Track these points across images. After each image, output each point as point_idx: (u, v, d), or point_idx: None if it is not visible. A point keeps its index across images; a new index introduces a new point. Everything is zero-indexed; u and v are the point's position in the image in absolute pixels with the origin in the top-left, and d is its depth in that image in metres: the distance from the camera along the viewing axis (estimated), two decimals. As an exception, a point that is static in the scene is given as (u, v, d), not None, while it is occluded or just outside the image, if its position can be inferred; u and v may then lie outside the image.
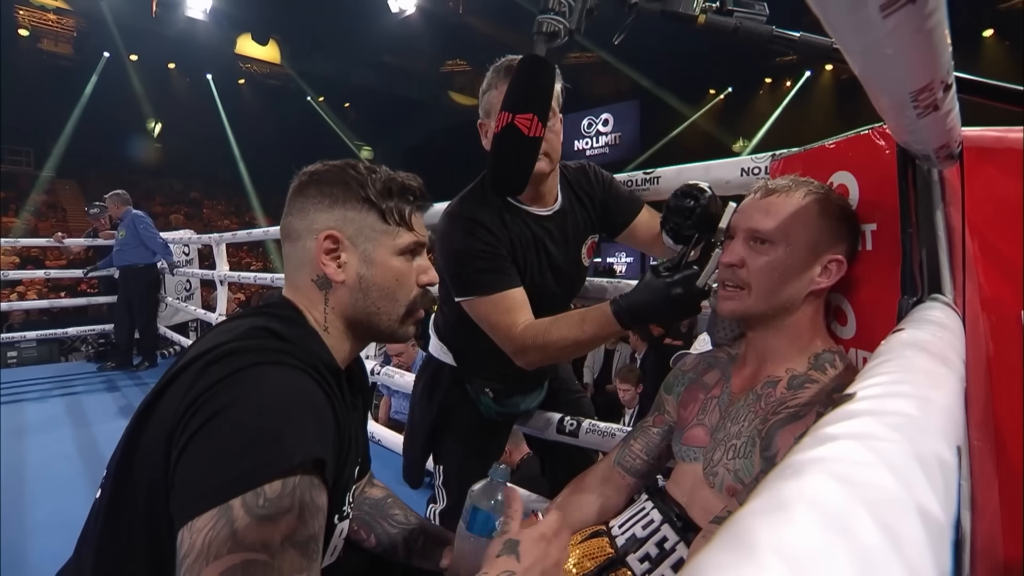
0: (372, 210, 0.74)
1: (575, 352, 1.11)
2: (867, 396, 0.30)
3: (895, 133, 0.65)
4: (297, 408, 0.58)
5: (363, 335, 0.78)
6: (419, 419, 1.38)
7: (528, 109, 0.80)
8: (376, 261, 0.74)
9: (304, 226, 0.74)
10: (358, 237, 0.73)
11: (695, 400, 0.90)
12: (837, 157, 0.85)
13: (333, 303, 0.74)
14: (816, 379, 0.76)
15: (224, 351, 0.61)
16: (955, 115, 0.60)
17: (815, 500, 0.17)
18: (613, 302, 0.98)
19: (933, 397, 0.31)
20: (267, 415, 0.56)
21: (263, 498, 0.53)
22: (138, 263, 4.46)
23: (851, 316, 0.83)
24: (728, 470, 0.76)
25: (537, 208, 1.16)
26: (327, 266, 0.73)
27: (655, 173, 1.26)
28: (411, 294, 0.77)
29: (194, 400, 0.57)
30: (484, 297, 1.08)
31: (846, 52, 0.41)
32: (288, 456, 0.55)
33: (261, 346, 0.63)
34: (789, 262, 0.78)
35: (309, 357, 0.65)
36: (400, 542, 0.90)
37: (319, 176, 0.75)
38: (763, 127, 13.50)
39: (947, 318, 0.65)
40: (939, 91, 0.48)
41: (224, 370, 0.59)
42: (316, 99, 18.12)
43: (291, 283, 0.76)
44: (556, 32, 0.79)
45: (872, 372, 0.35)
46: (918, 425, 0.26)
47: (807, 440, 0.24)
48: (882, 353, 0.42)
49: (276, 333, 0.66)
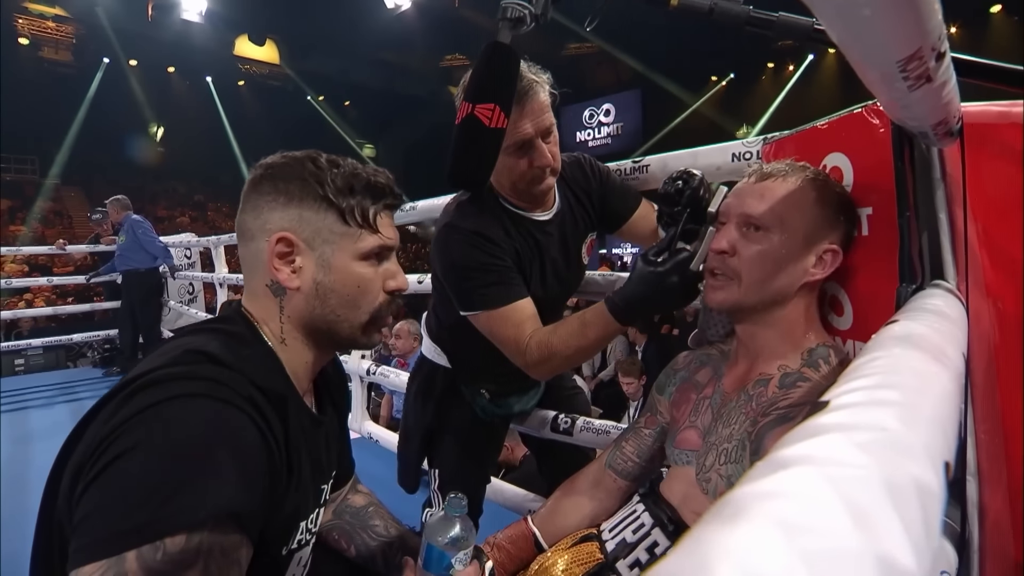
0: (331, 210, 0.67)
1: (584, 358, 1.07)
2: (842, 405, 0.26)
3: (888, 109, 0.60)
4: (216, 451, 0.53)
5: (325, 344, 0.72)
6: (413, 422, 1.35)
7: (489, 99, 0.75)
8: (335, 266, 0.68)
9: (257, 226, 0.68)
10: (315, 239, 0.67)
11: (687, 400, 0.86)
12: (830, 138, 0.81)
13: (289, 311, 0.69)
14: (809, 377, 0.72)
15: (150, 379, 0.55)
16: (952, 88, 0.55)
17: (744, 562, 0.13)
18: (607, 300, 0.94)
19: (920, 404, 0.27)
20: (180, 459, 0.51)
21: (162, 552, 0.48)
22: (139, 267, 4.46)
23: (848, 306, 0.79)
24: (721, 476, 0.72)
25: (537, 213, 1.12)
26: (280, 271, 0.67)
27: (644, 161, 1.22)
28: (376, 301, 0.71)
29: (108, 434, 0.52)
30: (491, 311, 1.04)
31: (820, 16, 0.37)
32: (196, 507, 0.50)
33: (191, 374, 0.57)
34: (783, 251, 0.74)
35: (244, 387, 0.59)
36: (379, 554, 0.87)
37: (275, 170, 0.68)
38: (766, 113, 13.34)
39: (947, 306, 0.60)
40: (930, 59, 0.44)
41: (143, 402, 0.53)
42: (316, 98, 18.09)
43: (248, 289, 0.71)
44: (521, 18, 0.74)
45: (854, 374, 0.32)
46: (896, 442, 0.22)
47: (759, 466, 0.21)
48: (870, 350, 0.38)
49: (213, 357, 0.59)
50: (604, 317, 0.94)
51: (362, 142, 19.04)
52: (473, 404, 1.30)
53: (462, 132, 0.76)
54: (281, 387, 0.65)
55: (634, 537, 0.79)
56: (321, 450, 0.75)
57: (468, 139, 0.76)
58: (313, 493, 0.72)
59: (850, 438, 0.21)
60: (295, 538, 0.68)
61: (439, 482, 1.35)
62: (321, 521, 0.89)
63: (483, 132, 0.75)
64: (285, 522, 0.65)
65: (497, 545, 0.95)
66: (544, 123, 1.02)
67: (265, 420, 0.59)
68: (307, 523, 0.71)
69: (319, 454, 0.74)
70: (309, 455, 0.69)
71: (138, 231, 4.42)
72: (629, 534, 0.80)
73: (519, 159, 1.03)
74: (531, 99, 1.00)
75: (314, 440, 0.72)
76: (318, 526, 0.76)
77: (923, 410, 0.26)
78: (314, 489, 0.73)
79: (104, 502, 0.50)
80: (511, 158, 1.03)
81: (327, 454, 0.77)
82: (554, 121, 1.04)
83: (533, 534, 0.95)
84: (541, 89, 1.02)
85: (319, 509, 0.76)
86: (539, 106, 1.01)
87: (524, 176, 1.04)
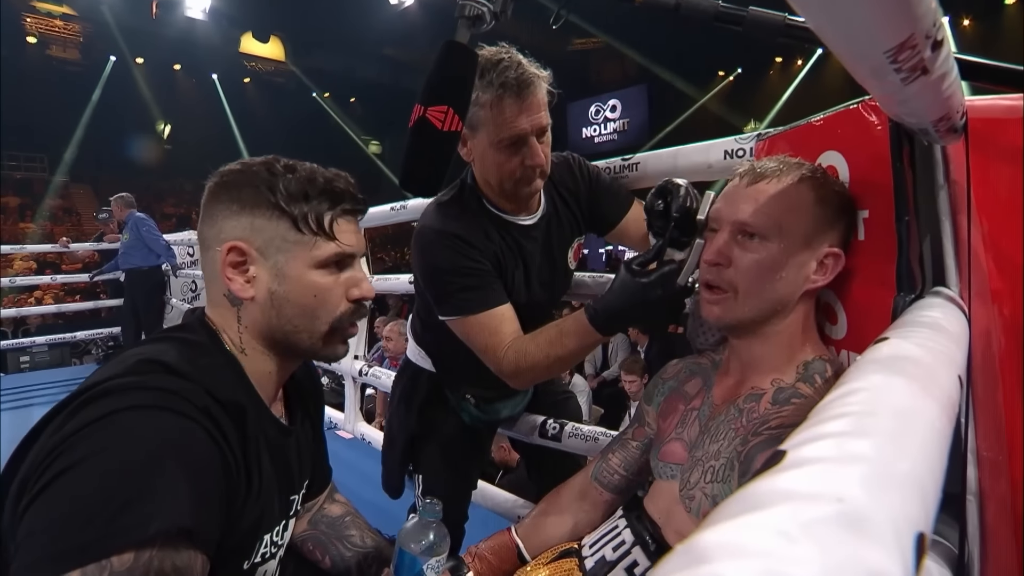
0: (283, 217, 0.65)
1: (562, 368, 1.04)
2: (800, 461, 0.22)
3: (884, 105, 0.56)
4: (166, 465, 0.51)
5: (286, 354, 0.70)
6: (397, 427, 1.32)
7: (443, 101, 0.71)
8: (289, 276, 0.66)
9: (212, 235, 0.66)
10: (268, 248, 0.65)
11: (674, 411, 0.82)
12: (824, 135, 0.76)
13: (246, 321, 0.67)
14: (803, 393, 0.67)
15: (101, 390, 0.54)
16: (953, 80, 0.50)
17: None
18: (587, 308, 0.91)
19: (895, 458, 0.23)
20: (128, 473, 0.49)
21: (109, 572, 0.46)
22: (142, 265, 4.46)
23: (842, 314, 0.74)
24: (705, 495, 0.68)
25: (521, 218, 1.08)
26: (232, 281, 0.65)
27: (634, 159, 1.17)
28: (336, 311, 0.69)
29: (55, 446, 0.50)
30: (468, 317, 1.01)
31: (798, 4, 0.33)
32: (144, 524, 0.48)
33: (143, 384, 0.55)
34: (782, 259, 0.69)
35: (200, 397, 0.57)
36: (354, 567, 0.85)
37: (229, 178, 0.67)
38: (775, 108, 13.17)
39: (946, 317, 0.56)
40: (924, 48, 0.39)
41: (93, 414, 0.52)
42: (322, 96, 18.09)
43: (208, 298, 0.69)
44: (480, 16, 0.70)
45: (824, 414, 0.27)
46: (854, 520, 0.18)
47: (676, 558, 0.17)
48: (850, 379, 0.33)
49: (168, 367, 0.58)
50: (583, 327, 0.90)
51: (368, 139, 19.04)
52: (459, 409, 1.26)
53: (413, 136, 0.72)
54: (240, 397, 0.63)
55: (614, 555, 0.75)
56: (291, 460, 0.73)
57: (419, 143, 0.72)
58: (279, 505, 0.70)
59: (796, 516, 0.17)
60: (258, 552, 0.66)
61: (423, 487, 1.33)
62: (296, 531, 0.87)
63: (435, 136, 0.70)
64: (246, 536, 0.63)
65: (479, 555, 0.92)
66: (540, 121, 0.98)
67: (221, 431, 0.57)
68: (272, 536, 0.68)
69: (287, 464, 0.72)
70: (274, 466, 0.67)
71: (142, 229, 4.43)
72: (609, 552, 0.76)
73: (510, 156, 0.98)
74: (531, 93, 0.95)
75: (281, 450, 0.70)
76: (286, 539, 0.74)
77: (899, 465, 0.22)
78: (281, 501, 0.70)
79: (49, 518, 0.48)
80: (501, 154, 0.98)
81: (298, 464, 0.75)
82: (550, 121, 0.99)
83: (516, 545, 0.92)
84: (542, 85, 0.97)
85: (287, 521, 0.73)
86: (538, 102, 0.97)
87: (512, 175, 1.00)
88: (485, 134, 0.98)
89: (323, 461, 0.91)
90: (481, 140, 1.00)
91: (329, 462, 0.93)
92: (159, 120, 16.06)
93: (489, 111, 0.96)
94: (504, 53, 0.96)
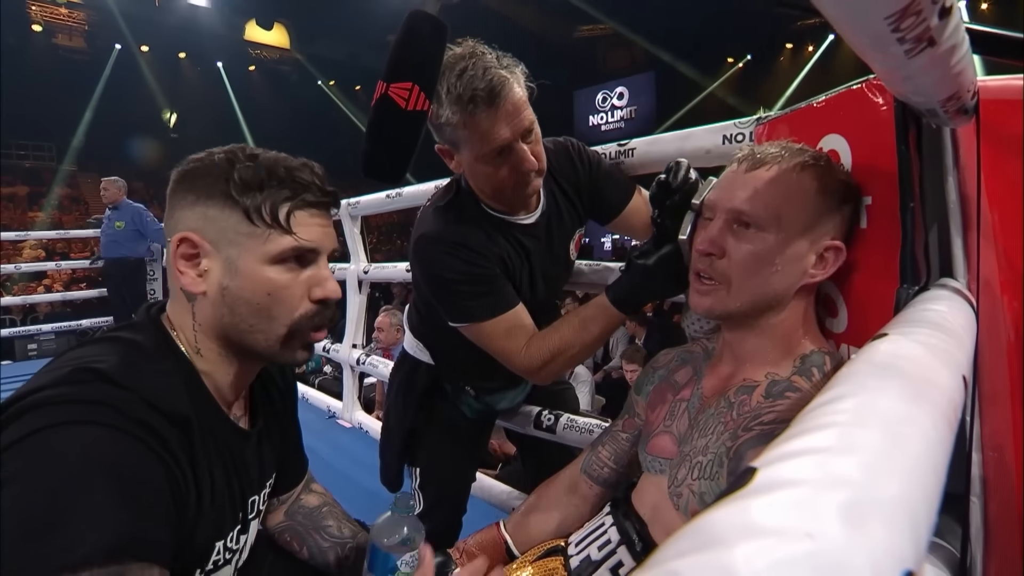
0: (235, 208, 0.60)
1: (585, 356, 1.03)
2: (772, 484, 0.19)
3: (888, 82, 0.52)
4: (95, 484, 0.48)
5: (244, 356, 0.66)
6: (395, 420, 1.30)
7: (407, 77, 0.65)
8: (242, 271, 0.61)
9: (171, 226, 0.63)
10: (220, 240, 0.61)
11: (663, 401, 0.79)
12: (826, 118, 0.72)
13: (200, 319, 0.63)
14: (799, 387, 0.64)
15: (31, 403, 0.51)
16: (964, 54, 0.46)
17: None
18: (607, 292, 0.92)
19: (883, 480, 0.20)
20: (53, 496, 0.46)
21: None
22: (130, 256, 4.42)
23: (842, 306, 0.71)
24: (693, 492, 0.65)
25: (521, 217, 1.03)
26: (184, 275, 0.61)
27: (629, 145, 1.13)
28: (294, 312, 0.64)
29: None
30: (482, 323, 0.98)
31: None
32: (72, 548, 0.45)
33: (75, 396, 0.52)
34: (779, 252, 0.65)
35: (137, 408, 0.53)
36: (332, 557, 0.84)
37: (190, 167, 0.63)
38: (784, 95, 12.95)
39: (952, 311, 0.52)
40: (931, 15, 0.36)
41: (20, 431, 0.49)
42: (327, 83, 18.00)
43: (171, 293, 0.66)
44: None
45: (807, 424, 0.24)
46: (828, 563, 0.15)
47: None
48: (841, 382, 0.30)
49: (104, 375, 0.54)
50: (607, 310, 0.92)
51: (373, 127, 19.00)
52: (458, 402, 1.24)
53: (374, 116, 0.67)
54: (182, 406, 0.59)
55: (599, 555, 0.72)
56: (249, 462, 0.70)
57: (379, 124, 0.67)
58: (234, 511, 0.67)
59: (756, 557, 0.14)
60: (211, 559, 0.64)
61: (420, 480, 1.31)
62: (273, 523, 0.86)
63: (398, 116, 0.65)
64: (198, 545, 0.61)
65: (466, 551, 0.91)
66: (522, 124, 0.90)
67: (161, 442, 0.54)
68: (225, 542, 0.66)
69: (245, 467, 0.69)
70: (229, 471, 0.65)
71: (146, 219, 4.42)
72: (595, 551, 0.73)
73: (499, 167, 0.92)
74: (504, 98, 0.87)
75: (239, 453, 0.68)
76: (243, 542, 0.71)
77: (887, 490, 0.19)
78: (236, 505, 0.68)
79: None
80: (488, 167, 0.93)
81: (258, 464, 0.73)
82: (534, 118, 0.92)
83: (504, 541, 0.90)
84: (515, 85, 0.90)
85: (244, 525, 0.71)
86: (514, 105, 0.89)
87: (506, 183, 0.95)
88: (468, 150, 0.93)
89: (296, 454, 0.88)
90: (466, 156, 0.94)
91: (304, 453, 0.91)
92: (165, 108, 16.05)
93: (464, 129, 0.90)
94: (467, 60, 0.88)
